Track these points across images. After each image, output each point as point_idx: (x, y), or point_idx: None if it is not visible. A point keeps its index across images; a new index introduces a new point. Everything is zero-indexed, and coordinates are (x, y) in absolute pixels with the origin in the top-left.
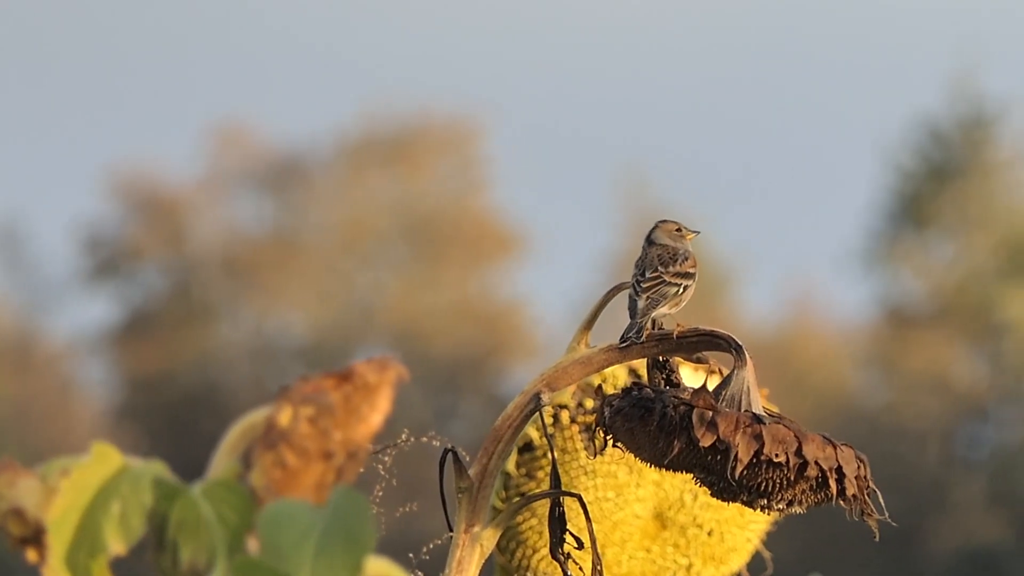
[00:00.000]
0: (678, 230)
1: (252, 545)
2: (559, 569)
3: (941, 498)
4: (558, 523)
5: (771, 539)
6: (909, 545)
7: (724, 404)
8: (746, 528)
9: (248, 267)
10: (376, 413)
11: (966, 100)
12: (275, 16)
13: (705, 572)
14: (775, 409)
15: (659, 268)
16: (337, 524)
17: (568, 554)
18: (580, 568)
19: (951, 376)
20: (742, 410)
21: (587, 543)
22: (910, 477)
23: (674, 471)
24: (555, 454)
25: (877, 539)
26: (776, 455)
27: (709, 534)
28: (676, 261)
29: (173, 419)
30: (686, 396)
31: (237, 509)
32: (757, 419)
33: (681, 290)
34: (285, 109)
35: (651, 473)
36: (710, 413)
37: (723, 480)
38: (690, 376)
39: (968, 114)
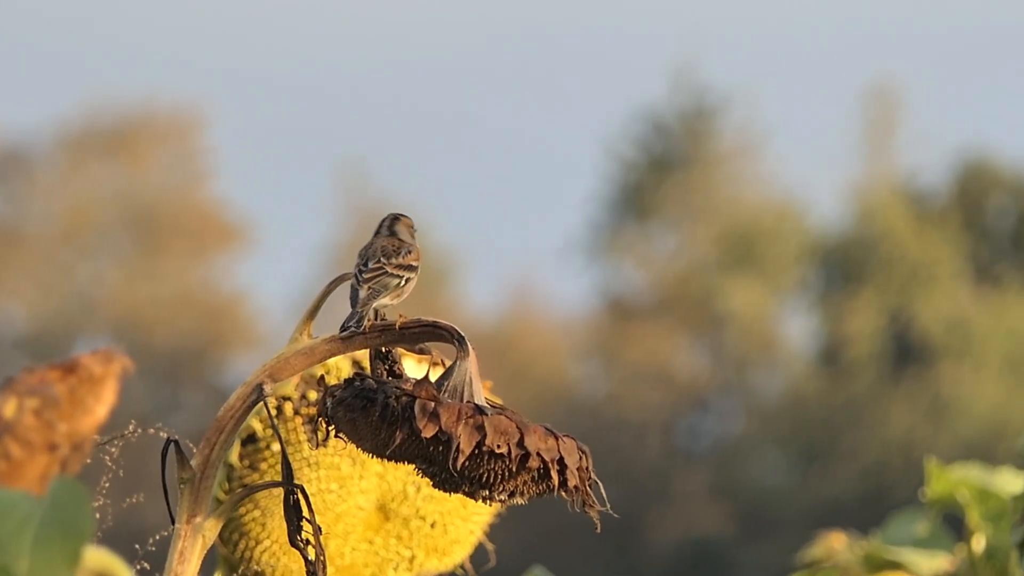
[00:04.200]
0: (412, 228)
1: None
2: (280, 560)
3: (662, 489)
4: (294, 511)
5: (494, 531)
6: (631, 536)
7: (447, 395)
8: (469, 520)
9: None
10: (101, 405)
11: (687, 91)
12: None
13: (428, 564)
14: (498, 401)
15: (382, 259)
16: (55, 514)
17: (308, 541)
18: (321, 555)
19: (672, 367)
20: (464, 401)
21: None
22: (632, 468)
23: (397, 462)
24: (283, 444)
25: (599, 530)
26: (498, 446)
27: (432, 526)
28: (400, 253)
29: None
30: (408, 387)
31: None
32: (479, 410)
33: (403, 282)
34: (5, 99)
35: (374, 465)
36: (432, 404)
37: (445, 471)
38: (413, 367)
39: (689, 105)
